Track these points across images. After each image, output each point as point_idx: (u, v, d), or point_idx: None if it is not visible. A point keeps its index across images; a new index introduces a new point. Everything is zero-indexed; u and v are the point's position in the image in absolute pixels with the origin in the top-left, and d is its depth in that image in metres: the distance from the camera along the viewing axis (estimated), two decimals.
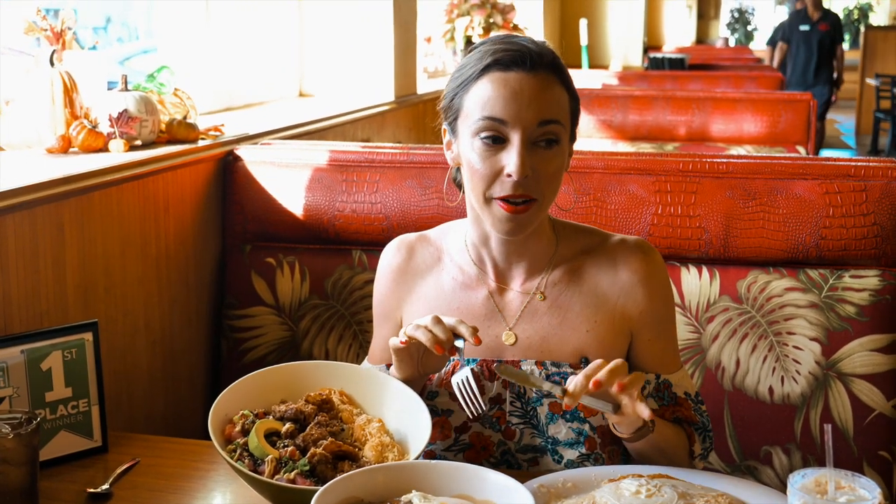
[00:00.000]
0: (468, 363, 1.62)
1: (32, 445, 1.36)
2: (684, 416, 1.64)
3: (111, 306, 1.96)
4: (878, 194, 1.96)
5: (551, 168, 1.52)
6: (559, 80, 1.53)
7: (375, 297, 1.75)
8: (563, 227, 1.68)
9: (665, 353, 1.66)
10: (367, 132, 3.29)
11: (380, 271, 1.74)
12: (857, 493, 1.17)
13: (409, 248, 1.72)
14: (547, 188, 1.52)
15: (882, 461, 1.97)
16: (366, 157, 2.21)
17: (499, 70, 1.50)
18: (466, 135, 1.53)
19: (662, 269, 1.65)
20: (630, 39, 7.84)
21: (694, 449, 1.64)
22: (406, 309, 1.70)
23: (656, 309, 1.63)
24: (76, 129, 2.08)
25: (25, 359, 1.60)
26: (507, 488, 1.30)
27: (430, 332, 1.47)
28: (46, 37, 2.13)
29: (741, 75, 6.17)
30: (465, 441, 1.63)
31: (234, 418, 1.50)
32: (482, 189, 1.52)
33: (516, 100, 1.48)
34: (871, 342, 1.96)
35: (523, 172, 1.47)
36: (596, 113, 4.71)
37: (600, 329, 1.62)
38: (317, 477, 1.39)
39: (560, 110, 1.52)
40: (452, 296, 1.66)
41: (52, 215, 1.79)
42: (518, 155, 1.47)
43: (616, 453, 1.64)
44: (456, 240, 1.70)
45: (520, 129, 1.48)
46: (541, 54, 1.51)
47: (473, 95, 1.52)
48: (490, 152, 1.50)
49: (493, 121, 1.49)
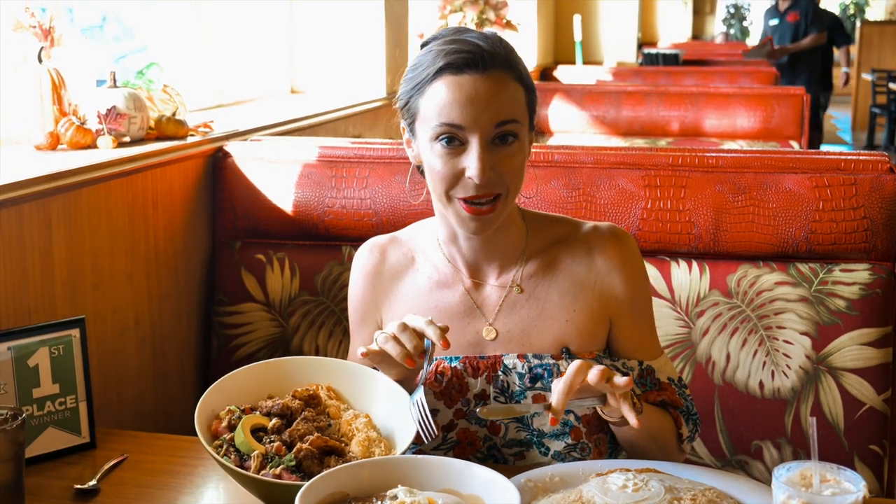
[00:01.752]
0: (451, 361, 1.62)
1: (18, 442, 1.36)
2: (669, 399, 1.64)
3: (100, 303, 1.95)
4: (868, 188, 1.96)
5: (514, 163, 1.52)
6: (513, 76, 1.52)
7: (351, 302, 1.75)
8: (533, 218, 1.68)
9: (645, 338, 1.66)
10: (358, 128, 3.29)
11: (354, 275, 1.74)
12: (841, 485, 1.17)
13: (382, 249, 1.72)
14: (511, 182, 1.53)
15: (873, 455, 1.97)
16: (355, 153, 2.21)
17: (452, 73, 1.49)
18: (425, 138, 1.53)
19: (636, 254, 1.66)
20: (624, 35, 7.83)
21: (682, 432, 1.64)
22: (385, 311, 1.70)
23: (633, 293, 1.64)
24: (65, 125, 2.07)
25: (12, 355, 1.59)
26: (492, 482, 1.30)
27: (399, 345, 1.47)
28: (35, 33, 2.12)
29: (735, 70, 6.17)
30: (452, 439, 1.63)
31: (221, 414, 1.50)
32: (444, 190, 1.53)
33: (472, 104, 1.48)
34: (862, 336, 1.96)
35: (485, 174, 1.48)
36: (589, 109, 4.71)
37: (579, 317, 1.62)
38: (303, 472, 1.39)
39: (516, 107, 1.52)
40: (430, 295, 1.66)
41: (39, 212, 1.79)
42: (478, 159, 1.48)
43: (602, 441, 1.64)
44: (428, 238, 1.70)
45: (477, 132, 1.48)
46: (493, 53, 1.50)
47: (429, 99, 1.51)
48: (450, 155, 1.51)
49: (451, 126, 1.49)
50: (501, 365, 1.62)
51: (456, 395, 1.63)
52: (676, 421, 1.64)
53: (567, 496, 1.38)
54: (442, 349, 1.49)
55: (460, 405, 1.63)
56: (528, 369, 1.60)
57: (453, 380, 1.62)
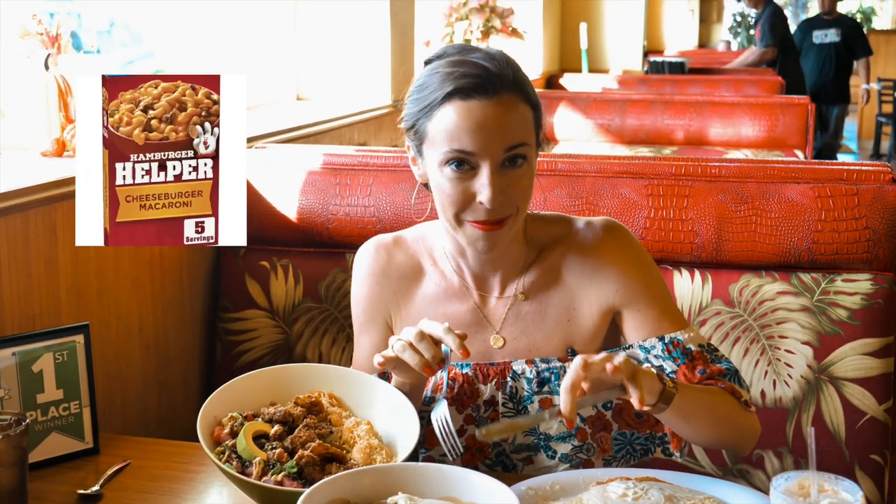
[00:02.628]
0: (462, 367, 1.63)
1: (21, 447, 1.37)
2: (709, 373, 1.59)
3: (104, 309, 1.96)
4: (871, 198, 1.97)
5: (523, 184, 1.53)
6: (522, 98, 1.52)
7: (357, 302, 1.74)
8: (532, 222, 1.68)
9: (664, 315, 1.63)
10: (363, 136, 3.30)
11: (359, 274, 1.74)
12: (839, 496, 1.18)
13: (387, 249, 1.72)
14: (521, 202, 1.54)
15: (874, 465, 1.97)
16: (359, 161, 2.22)
17: (461, 98, 1.49)
18: (434, 162, 1.53)
19: (631, 243, 1.66)
20: (630, 43, 7.84)
21: (742, 394, 1.58)
22: (395, 311, 1.71)
23: (636, 279, 1.63)
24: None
25: (17, 361, 1.60)
26: (492, 490, 1.31)
27: (417, 354, 1.48)
28: (41, 41, 2.13)
29: (741, 79, 6.18)
30: (462, 445, 1.64)
31: (223, 420, 1.51)
32: (453, 213, 1.53)
33: (482, 131, 1.48)
34: (863, 346, 1.96)
35: (496, 199, 1.49)
36: (594, 117, 4.72)
37: (580, 316, 1.63)
38: (304, 479, 1.39)
39: (526, 129, 1.52)
40: (438, 304, 1.67)
41: (44, 218, 1.80)
42: (489, 185, 1.48)
43: (606, 439, 1.64)
44: (434, 246, 1.70)
45: (488, 157, 1.49)
46: (501, 76, 1.49)
47: (437, 124, 1.51)
48: (460, 179, 1.51)
49: (461, 153, 1.49)
50: (511, 371, 1.63)
51: (467, 402, 1.64)
52: (733, 393, 1.58)
53: None
54: (461, 358, 1.49)
55: (471, 411, 1.64)
56: (535, 374, 1.62)
57: (465, 386, 1.64)
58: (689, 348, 1.60)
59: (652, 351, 1.62)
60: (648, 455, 1.69)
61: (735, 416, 1.57)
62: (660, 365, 1.60)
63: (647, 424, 1.66)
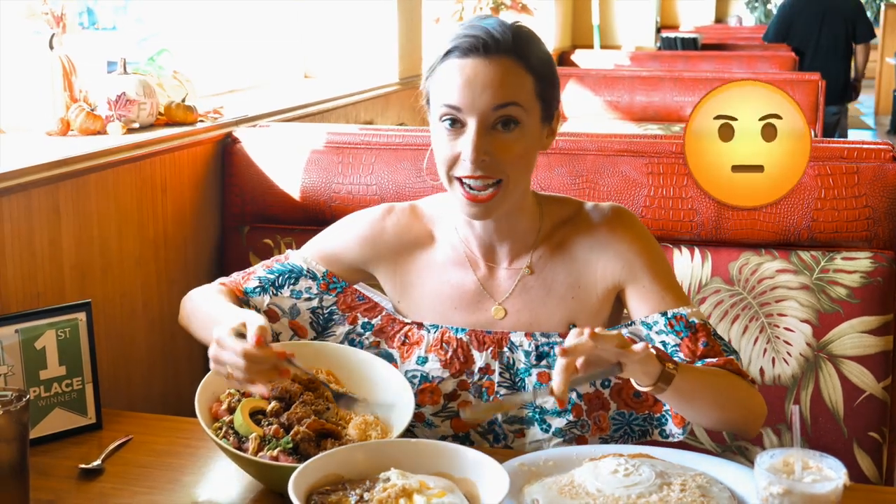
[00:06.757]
0: (457, 332, 1.66)
1: (22, 422, 1.39)
2: (714, 352, 1.58)
3: (108, 287, 1.99)
4: (871, 177, 1.97)
5: (515, 149, 1.54)
6: (522, 64, 1.54)
7: (341, 233, 1.76)
8: (545, 201, 1.71)
9: (667, 291, 1.63)
10: (370, 114, 3.30)
11: (361, 221, 1.75)
12: (823, 472, 1.19)
13: (397, 216, 1.74)
14: (512, 169, 1.54)
15: (872, 442, 1.98)
16: (361, 140, 2.23)
17: (457, 57, 1.53)
18: (434, 118, 1.58)
19: (635, 225, 1.67)
20: (643, 19, 7.79)
21: (747, 374, 1.59)
22: (380, 273, 1.74)
23: (641, 256, 1.64)
24: (75, 112, 2.10)
25: (20, 338, 1.63)
26: (484, 466, 1.33)
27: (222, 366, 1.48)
28: (46, 20, 2.15)
29: (754, 55, 6.13)
30: (452, 408, 1.66)
31: (221, 397, 1.53)
32: (445, 170, 1.57)
33: (470, 87, 1.51)
34: (862, 324, 1.97)
35: (477, 156, 1.51)
36: (603, 94, 4.70)
37: (585, 293, 1.65)
38: (300, 454, 1.41)
39: (519, 92, 1.53)
40: (441, 271, 1.70)
41: (48, 197, 1.82)
42: (472, 141, 1.51)
43: (603, 418, 1.66)
44: (447, 217, 1.72)
45: (475, 114, 1.51)
46: (500, 40, 1.52)
47: (436, 81, 1.57)
48: (451, 136, 1.54)
49: (450, 108, 1.53)
50: (508, 341, 1.65)
51: (460, 367, 1.66)
52: (739, 373, 1.57)
53: (559, 480, 1.40)
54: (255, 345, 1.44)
55: (465, 377, 1.66)
56: (534, 347, 1.64)
57: (458, 350, 1.65)
58: (693, 321, 1.61)
59: (654, 327, 1.63)
60: (646, 437, 1.70)
61: (741, 397, 1.57)
62: (662, 340, 1.61)
63: (645, 404, 1.67)
